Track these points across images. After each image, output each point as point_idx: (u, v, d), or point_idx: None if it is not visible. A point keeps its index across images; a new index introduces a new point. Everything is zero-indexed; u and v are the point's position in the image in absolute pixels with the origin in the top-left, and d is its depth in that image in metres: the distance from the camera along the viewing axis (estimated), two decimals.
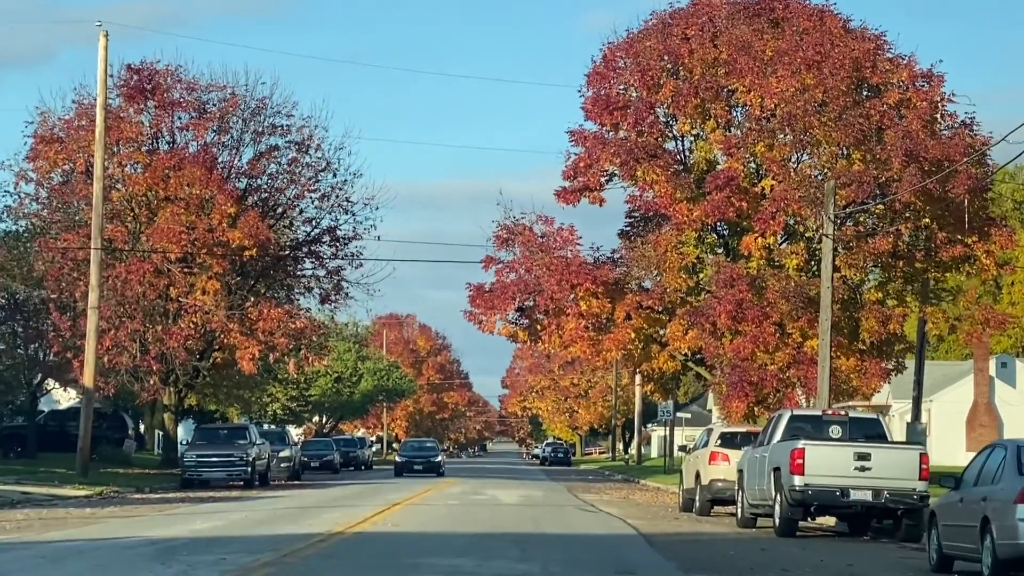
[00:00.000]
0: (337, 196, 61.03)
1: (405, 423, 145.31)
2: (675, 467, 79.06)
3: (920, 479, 28.52)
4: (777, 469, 29.04)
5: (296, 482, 60.09)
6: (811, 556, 25.34)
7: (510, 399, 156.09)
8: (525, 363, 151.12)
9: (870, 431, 30.57)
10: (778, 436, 30.12)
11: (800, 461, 28.25)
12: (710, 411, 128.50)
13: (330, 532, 28.08)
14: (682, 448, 58.09)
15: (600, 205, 52.18)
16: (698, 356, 53.67)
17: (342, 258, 62.03)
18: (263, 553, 22.93)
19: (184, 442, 57.45)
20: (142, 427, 79.68)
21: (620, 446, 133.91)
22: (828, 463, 28.33)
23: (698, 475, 36.89)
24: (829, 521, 32.65)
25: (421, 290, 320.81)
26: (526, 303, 52.83)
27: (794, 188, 48.79)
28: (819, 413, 32.10)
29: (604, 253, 53.70)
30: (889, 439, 31.17)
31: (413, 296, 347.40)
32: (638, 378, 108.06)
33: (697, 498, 36.88)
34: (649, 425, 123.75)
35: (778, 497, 29.00)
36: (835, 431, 29.98)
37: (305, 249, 61.72)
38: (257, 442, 54.30)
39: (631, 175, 50.61)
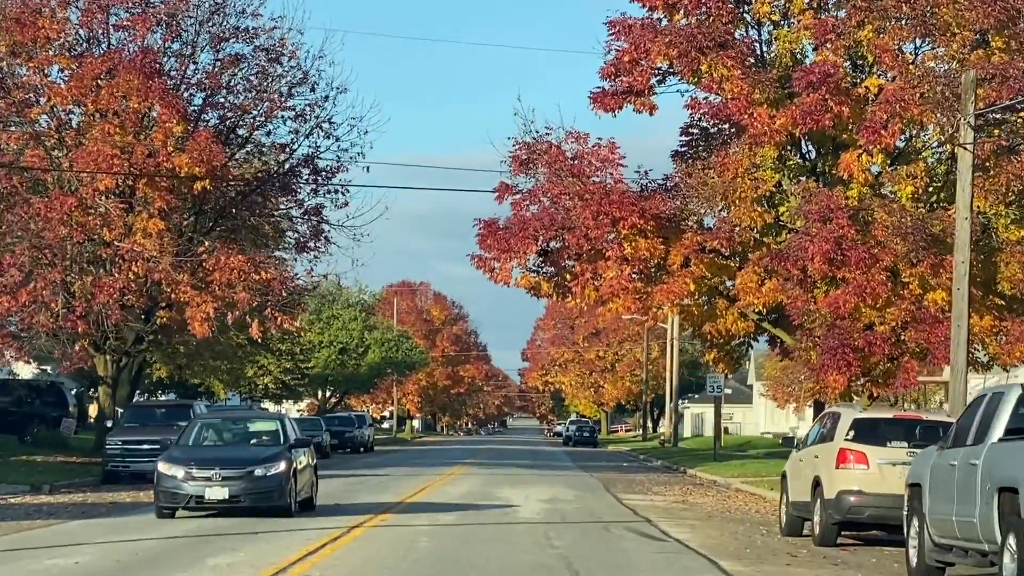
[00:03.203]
0: (316, 116, 47.63)
1: (418, 398, 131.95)
2: (722, 452, 66.01)
3: None
4: (1012, 491, 15.62)
5: None
6: None
7: (531, 373, 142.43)
8: (547, 335, 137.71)
9: None
10: (1000, 429, 16.70)
11: None
12: (750, 386, 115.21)
13: None
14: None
15: (650, 114, 38.70)
16: (775, 315, 40.35)
17: (324, 194, 48.64)
18: None
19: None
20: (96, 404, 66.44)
21: (648, 424, 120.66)
22: None
23: (817, 484, 23.49)
24: None
25: (435, 262, 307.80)
26: (551, 244, 39.44)
27: (913, 87, 35.41)
28: None
29: (654, 180, 40.30)
30: None
31: (426, 269, 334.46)
32: (674, 346, 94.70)
33: (817, 518, 23.47)
34: (683, 401, 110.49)
35: (1012, 540, 15.64)
36: None
37: (276, 182, 48.22)
38: None
39: (692, 71, 37.16)
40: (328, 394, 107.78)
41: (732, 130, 39.54)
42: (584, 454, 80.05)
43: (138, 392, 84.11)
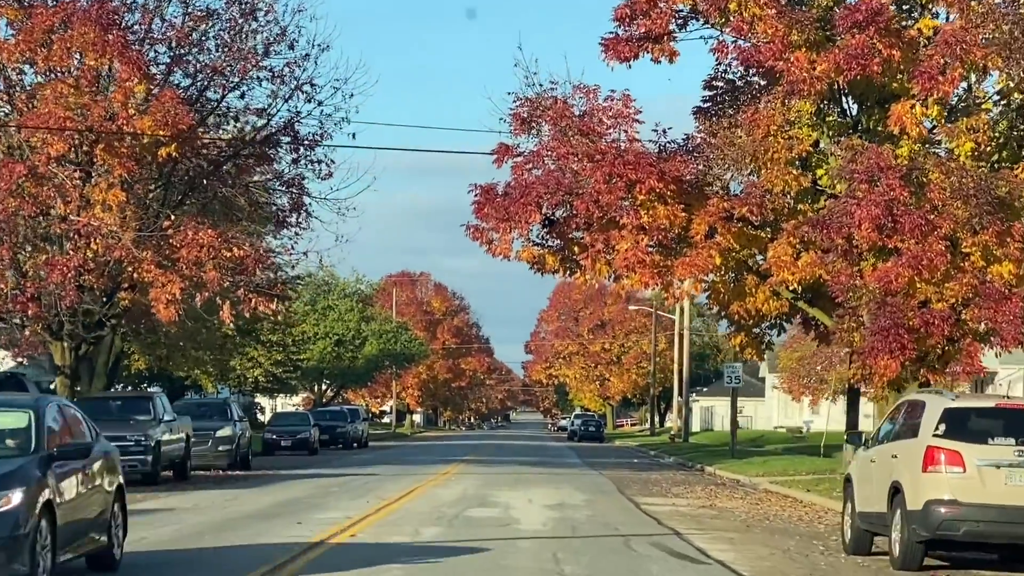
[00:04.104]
0: (296, 78, 42.39)
1: (417, 392, 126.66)
2: (739, 448, 60.96)
3: None
4: None
5: (236, 473, 41.90)
6: None
7: (534, 366, 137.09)
8: (551, 327, 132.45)
9: None
10: None
11: None
12: (762, 379, 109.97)
13: None
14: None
15: (671, 61, 33.47)
16: (809, 294, 35.24)
17: (305, 165, 43.40)
18: None
19: None
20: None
21: (655, 418, 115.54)
22: None
23: (896, 491, 18.34)
24: None
25: (438, 257, 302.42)
26: (557, 212, 34.28)
27: (975, 27, 30.28)
28: None
29: (673, 140, 35.11)
30: None
31: (429, 264, 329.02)
32: (679, 332, 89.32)
33: (896, 535, 18.29)
34: (691, 395, 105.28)
35: None
36: None
37: (252, 151, 42.93)
38: (165, 418, 36.11)
39: (719, 10, 31.97)
40: (324, 388, 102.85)
41: (763, 82, 34.40)
42: (590, 450, 74.94)
43: (120, 385, 79.19)
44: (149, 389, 79.46)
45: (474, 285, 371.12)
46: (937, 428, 17.96)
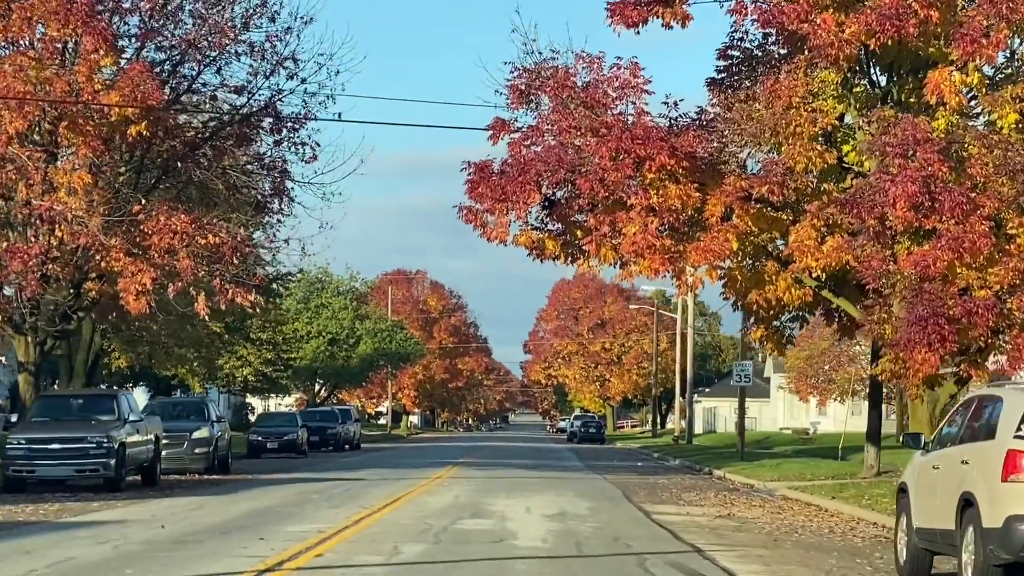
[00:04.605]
0: (277, 53, 39.17)
1: (414, 392, 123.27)
2: (747, 451, 57.76)
3: None
4: None
5: (214, 477, 38.70)
6: None
7: (533, 366, 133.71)
8: (550, 325, 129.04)
9: None
10: None
11: None
12: (767, 379, 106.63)
13: None
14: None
15: (683, 25, 30.23)
16: (833, 282, 32.08)
17: (289, 148, 40.21)
18: None
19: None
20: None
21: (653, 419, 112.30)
22: None
23: (967, 504, 15.14)
24: None
25: (436, 257, 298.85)
26: (558, 192, 31.10)
27: None
28: None
29: (685, 113, 31.90)
30: None
31: (427, 264, 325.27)
32: (681, 331, 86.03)
33: (968, 556, 15.06)
34: (695, 395, 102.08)
35: None
36: None
37: (231, 132, 39.68)
38: (131, 418, 32.88)
39: None
40: (318, 388, 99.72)
41: (783, 51, 31.25)
42: (591, 452, 71.74)
43: (105, 385, 76.06)
44: (134, 389, 76.61)
45: (472, 287, 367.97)
46: (1020, 429, 14.76)
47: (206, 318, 42.78)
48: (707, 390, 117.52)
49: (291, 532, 20.51)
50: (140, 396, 66.67)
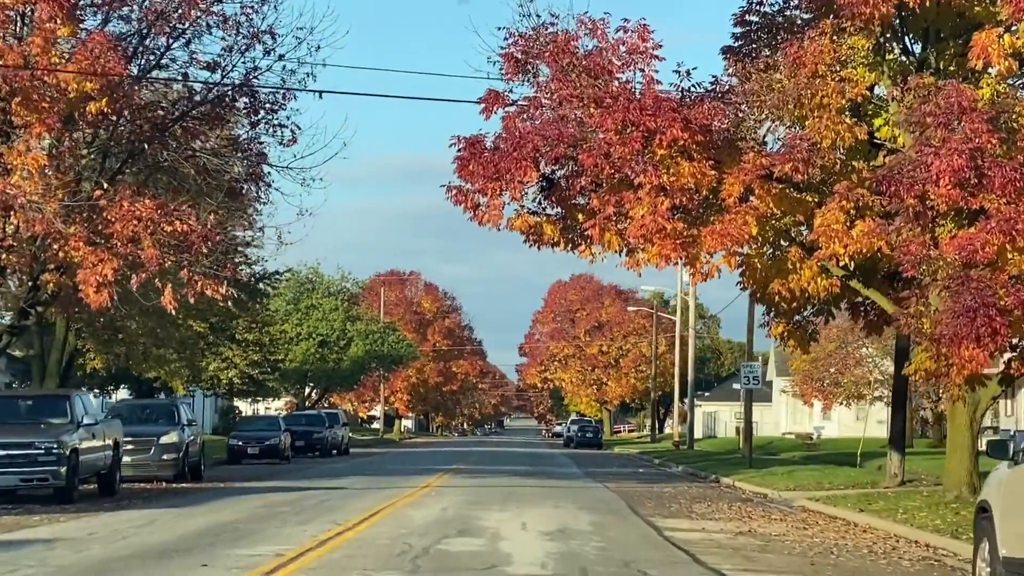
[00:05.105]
0: (253, 25, 35.82)
1: (407, 396, 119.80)
2: (753, 457, 54.42)
3: None
4: None
5: (182, 485, 35.36)
6: None
7: (528, 369, 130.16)
8: (546, 328, 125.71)
9: None
10: None
11: None
12: (769, 383, 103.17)
13: None
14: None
15: None
16: (859, 272, 28.79)
17: (269, 133, 36.86)
18: None
19: None
20: None
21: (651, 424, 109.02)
22: None
23: None
24: None
25: (432, 262, 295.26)
26: (558, 170, 27.80)
27: None
28: None
29: (699, 83, 28.58)
30: None
31: (423, 269, 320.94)
32: (680, 334, 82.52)
33: None
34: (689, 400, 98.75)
35: None
36: None
37: (202, 110, 36.31)
38: (84, 421, 29.50)
39: None
40: (308, 391, 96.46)
41: (808, 15, 27.99)
42: (589, 457, 68.42)
43: (86, 388, 72.51)
44: (116, 391, 73.30)
45: (467, 291, 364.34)
46: None
47: (181, 316, 39.62)
48: (707, 394, 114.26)
49: (241, 557, 17.18)
50: (124, 398, 63.51)
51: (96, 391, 72.52)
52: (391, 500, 28.94)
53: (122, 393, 74.05)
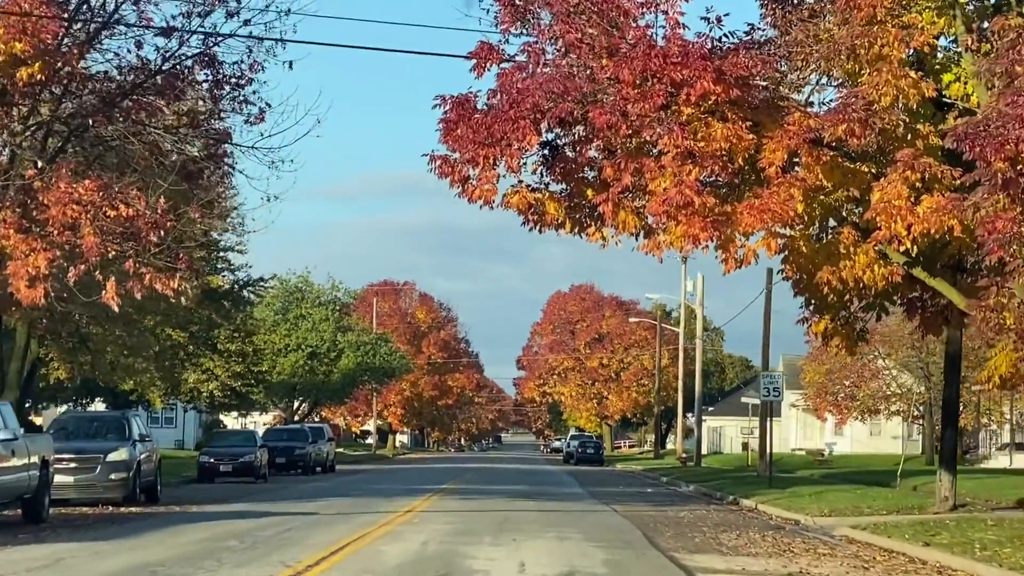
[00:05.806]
0: None
1: (401, 410, 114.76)
2: (767, 473, 49.64)
3: None
4: None
5: (131, 510, 30.45)
6: None
7: (527, 383, 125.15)
8: (545, 340, 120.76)
9: None
10: None
11: None
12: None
13: None
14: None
15: None
16: (920, 257, 23.95)
17: (234, 109, 32.10)
18: None
19: None
20: None
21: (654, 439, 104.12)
22: None
23: None
24: None
25: (428, 277, 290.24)
26: (561, 135, 22.97)
27: None
28: None
29: (733, 32, 23.69)
30: None
31: (419, 284, 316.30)
32: (683, 346, 77.41)
33: None
34: (694, 414, 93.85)
35: None
36: None
37: (157, 80, 31.48)
38: (2, 436, 24.59)
39: None
40: (297, 405, 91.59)
41: None
42: (592, 475, 63.54)
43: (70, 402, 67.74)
44: (91, 404, 68.38)
45: (463, 306, 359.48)
46: None
47: (155, 324, 34.82)
48: (711, 409, 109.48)
49: None
50: (70, 411, 58.80)
51: (70, 404, 67.85)
52: (364, 530, 24.09)
53: (99, 406, 69.17)
